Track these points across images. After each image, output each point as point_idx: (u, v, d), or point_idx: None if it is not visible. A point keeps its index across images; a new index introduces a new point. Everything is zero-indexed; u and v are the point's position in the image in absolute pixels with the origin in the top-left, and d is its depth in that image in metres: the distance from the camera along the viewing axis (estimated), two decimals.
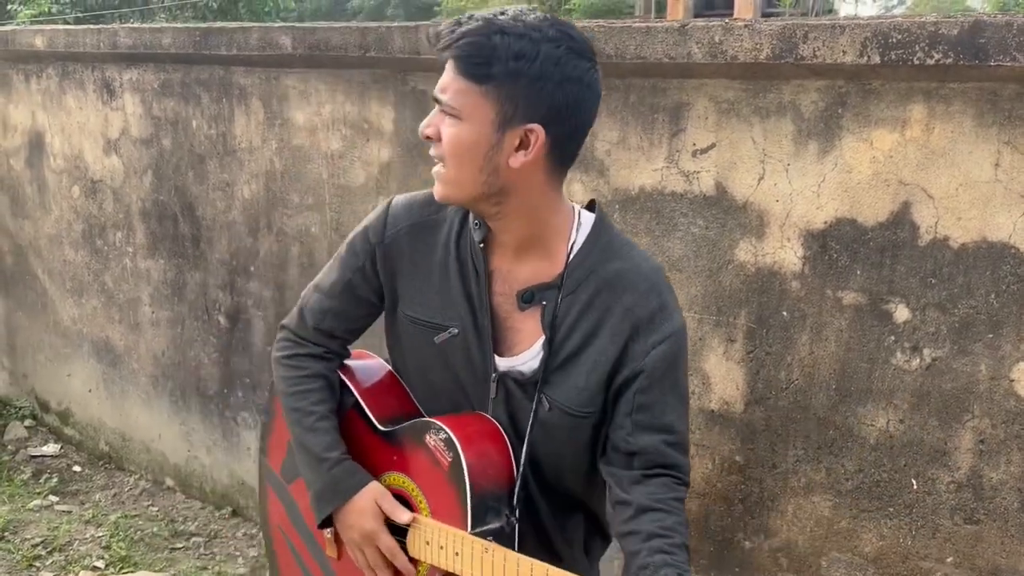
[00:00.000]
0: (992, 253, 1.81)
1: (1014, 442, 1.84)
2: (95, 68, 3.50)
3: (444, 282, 1.38)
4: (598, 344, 1.31)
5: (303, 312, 1.50)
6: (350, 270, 1.45)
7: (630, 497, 1.30)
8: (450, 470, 1.31)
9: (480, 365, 1.37)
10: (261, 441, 1.68)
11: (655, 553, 1.23)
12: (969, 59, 1.70)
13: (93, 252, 3.74)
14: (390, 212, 1.43)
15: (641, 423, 1.31)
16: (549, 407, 1.33)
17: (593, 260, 1.33)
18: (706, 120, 2.10)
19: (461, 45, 1.21)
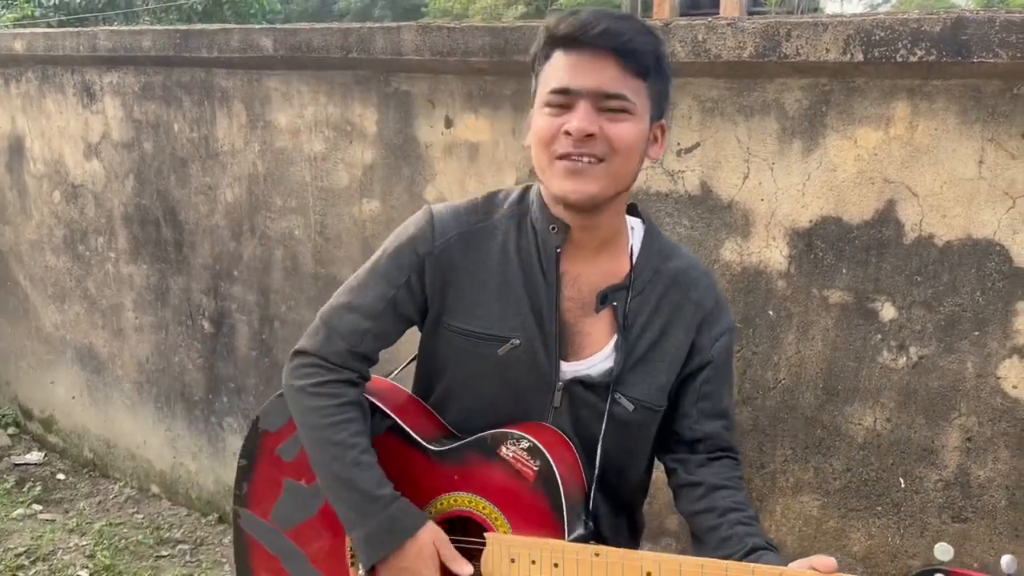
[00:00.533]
0: (977, 250, 1.80)
1: (1001, 439, 1.84)
2: (75, 71, 3.46)
3: (504, 291, 1.33)
4: (673, 339, 1.35)
5: (332, 334, 1.36)
6: (393, 286, 1.35)
7: (699, 478, 1.37)
8: (537, 479, 1.27)
9: (545, 374, 1.34)
10: (238, 489, 1.53)
11: (735, 525, 1.30)
12: (952, 56, 1.70)
13: (75, 258, 3.70)
14: (436, 221, 1.35)
15: (705, 411, 1.38)
16: (632, 406, 1.34)
17: (655, 260, 1.36)
18: (690, 119, 2.09)
19: (627, 45, 1.20)
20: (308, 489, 1.45)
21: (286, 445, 1.47)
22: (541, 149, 1.25)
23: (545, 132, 1.23)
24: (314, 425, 1.34)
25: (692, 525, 1.37)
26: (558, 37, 1.23)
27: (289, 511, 1.48)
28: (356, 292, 1.38)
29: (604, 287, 1.34)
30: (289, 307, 2.99)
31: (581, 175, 1.22)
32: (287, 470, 1.47)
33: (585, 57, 1.20)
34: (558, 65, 1.22)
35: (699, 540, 1.35)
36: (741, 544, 1.27)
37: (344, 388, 1.35)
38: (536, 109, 1.26)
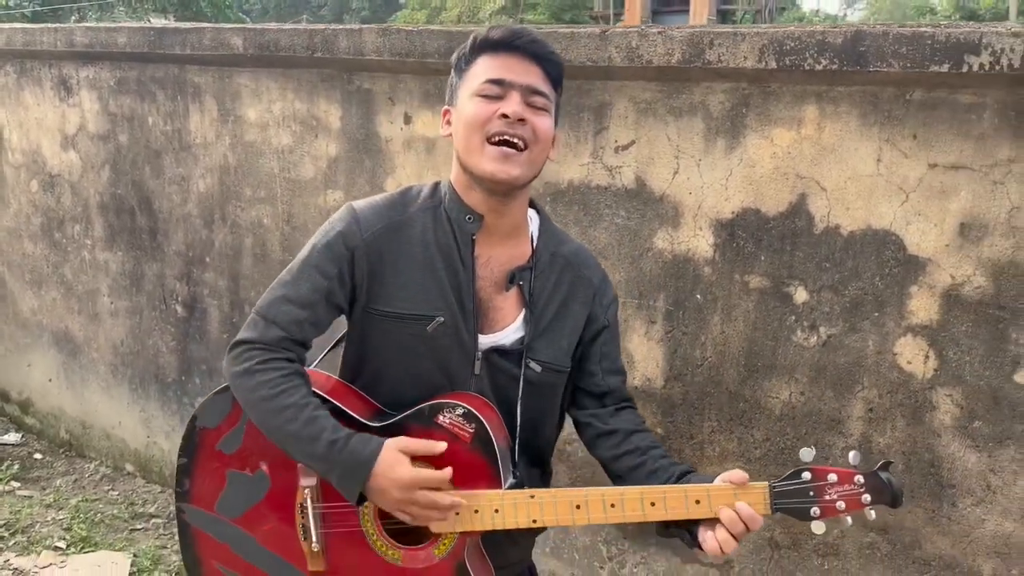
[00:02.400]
0: (876, 239, 2.00)
1: (898, 410, 2.05)
2: (52, 66, 3.59)
3: (426, 275, 1.47)
4: (572, 310, 1.57)
5: (270, 324, 1.47)
6: (326, 277, 1.47)
7: (614, 426, 1.58)
8: (473, 441, 1.42)
9: (467, 345, 1.49)
10: (179, 487, 1.60)
11: (659, 459, 1.51)
12: (852, 65, 1.90)
13: (52, 245, 3.83)
14: (359, 216, 1.49)
15: (607, 368, 1.61)
16: (541, 368, 1.53)
17: (551, 244, 1.58)
18: (626, 119, 2.28)
19: (551, 56, 1.45)
20: (252, 477, 1.55)
21: (227, 439, 1.57)
22: (473, 131, 1.41)
23: (479, 115, 1.40)
24: (264, 396, 1.44)
25: (614, 467, 1.56)
26: (492, 42, 1.43)
27: (235, 500, 1.56)
28: (290, 285, 1.49)
29: (512, 268, 1.52)
30: (258, 292, 3.15)
31: (509, 159, 1.40)
32: (230, 462, 1.57)
33: (515, 59, 1.42)
34: (489, 64, 1.42)
35: (622, 478, 1.54)
36: (668, 472, 1.48)
37: (285, 363, 1.47)
38: (464, 99, 1.44)
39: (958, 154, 1.88)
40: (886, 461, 1.35)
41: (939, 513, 2.04)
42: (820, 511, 1.34)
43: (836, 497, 1.33)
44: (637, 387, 2.39)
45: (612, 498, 1.40)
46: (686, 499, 1.37)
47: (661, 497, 1.38)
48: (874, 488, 1.33)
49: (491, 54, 1.43)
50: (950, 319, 1.95)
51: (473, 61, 1.45)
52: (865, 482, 1.33)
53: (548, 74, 1.45)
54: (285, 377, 1.45)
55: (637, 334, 2.37)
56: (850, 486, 1.33)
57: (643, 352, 2.37)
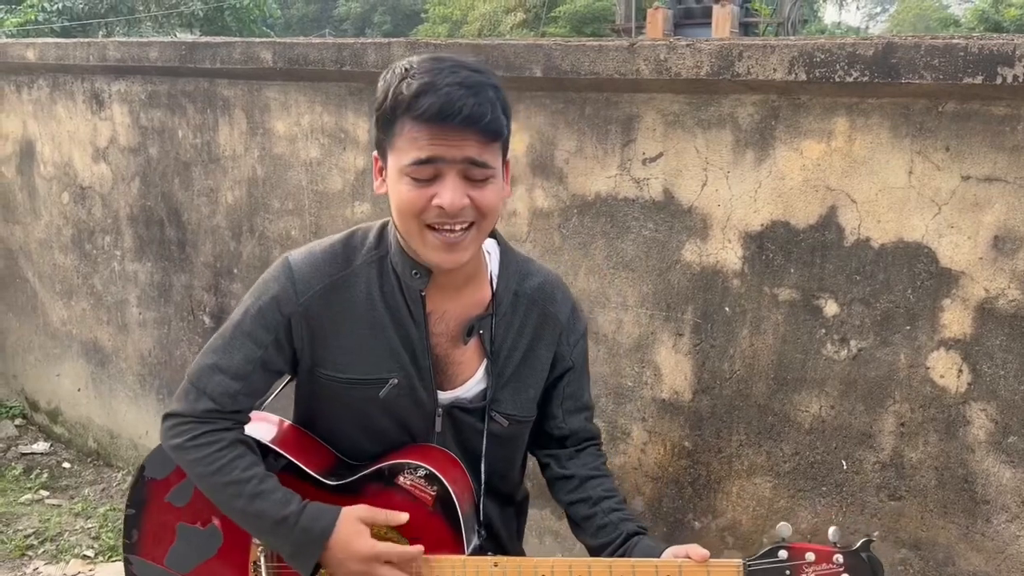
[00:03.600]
0: (908, 252, 1.99)
1: (931, 425, 2.03)
2: (84, 80, 3.65)
3: (375, 336, 1.37)
4: (538, 355, 1.49)
5: (200, 396, 1.37)
6: (260, 346, 1.37)
7: (571, 471, 1.53)
8: (435, 503, 1.37)
9: (425, 404, 1.42)
10: (127, 538, 1.54)
11: (610, 513, 1.47)
12: (883, 77, 1.89)
13: (82, 256, 3.89)
14: (296, 277, 1.37)
15: (569, 408, 1.54)
16: (507, 422, 1.47)
17: (513, 283, 1.47)
18: (654, 131, 2.28)
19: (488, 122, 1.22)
20: (204, 531, 1.50)
21: (176, 491, 1.50)
22: (409, 218, 1.27)
23: (413, 204, 1.24)
24: (203, 474, 1.36)
25: (570, 512, 1.53)
26: (419, 114, 1.21)
27: (185, 554, 1.50)
28: (222, 353, 1.38)
29: (469, 318, 1.42)
30: None
31: (456, 247, 1.28)
32: (181, 515, 1.51)
33: (448, 130, 1.21)
34: (416, 135, 1.22)
35: (577, 526, 1.52)
36: (617, 531, 1.44)
37: (220, 434, 1.37)
38: (393, 172, 1.28)
39: (992, 166, 1.87)
40: (867, 539, 1.31)
41: (973, 529, 2.01)
42: None
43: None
44: (665, 400, 2.38)
45: (579, 571, 1.34)
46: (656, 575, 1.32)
47: (630, 572, 1.33)
48: (853, 568, 1.28)
49: (415, 122, 1.22)
50: (984, 333, 1.93)
51: (396, 121, 1.25)
52: (844, 561, 1.28)
53: (488, 135, 1.24)
54: (219, 452, 1.36)
55: (665, 347, 2.37)
56: (828, 565, 1.28)
57: (671, 365, 2.36)
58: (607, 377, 2.47)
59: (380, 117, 1.28)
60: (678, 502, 2.42)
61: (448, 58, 1.26)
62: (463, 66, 1.26)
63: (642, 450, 2.46)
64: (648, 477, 2.46)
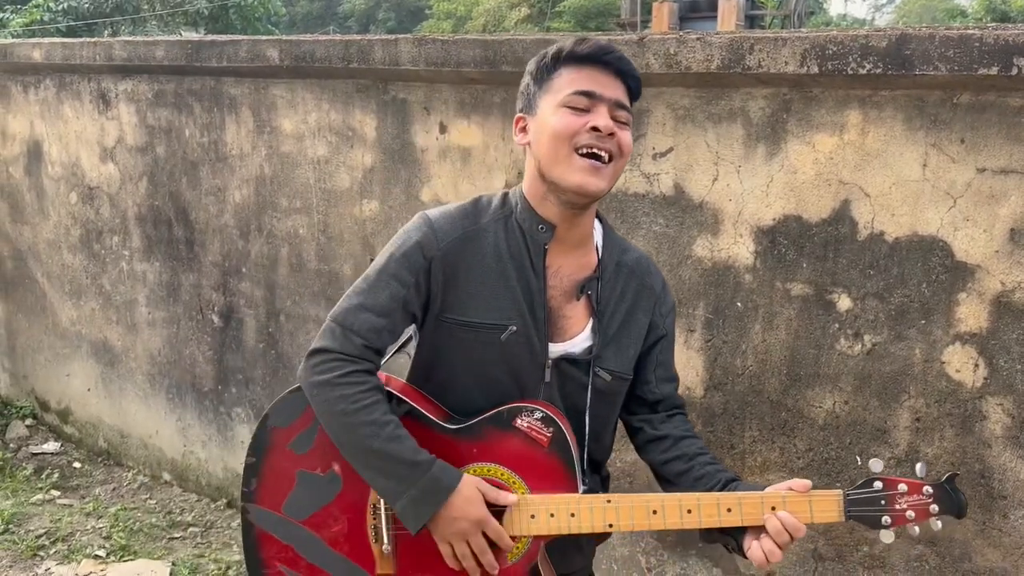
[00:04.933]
0: (923, 246, 1.97)
1: (946, 420, 2.01)
2: (91, 79, 3.64)
3: (500, 284, 1.48)
4: (637, 319, 1.58)
5: (348, 333, 1.46)
6: (404, 286, 1.48)
7: (664, 432, 1.60)
8: (551, 444, 1.45)
9: (538, 353, 1.50)
10: (246, 486, 1.59)
11: (706, 465, 1.54)
12: (897, 69, 1.87)
13: (91, 256, 3.88)
14: (435, 226, 1.50)
15: (661, 376, 1.62)
16: (610, 377, 1.54)
17: (616, 253, 1.59)
18: (664, 125, 2.26)
19: (635, 73, 1.46)
20: (324, 477, 1.54)
21: (299, 439, 1.55)
22: (560, 143, 1.41)
23: (568, 127, 1.40)
24: (344, 411, 1.43)
25: (663, 471, 1.58)
26: (578, 55, 1.42)
27: (303, 501, 1.55)
28: (368, 294, 1.49)
29: (580, 278, 1.53)
30: (294, 301, 3.17)
31: (598, 172, 1.41)
32: (301, 462, 1.55)
33: (602, 73, 1.42)
34: (576, 76, 1.42)
35: (671, 482, 1.55)
36: (715, 479, 1.50)
37: (367, 376, 1.46)
38: (548, 109, 1.43)
39: (1008, 158, 1.84)
40: (953, 473, 1.37)
41: (990, 525, 1.99)
42: (891, 520, 1.38)
43: (906, 507, 1.37)
44: None
45: (688, 503, 1.41)
46: (762, 505, 1.39)
47: (737, 503, 1.40)
48: (941, 499, 1.36)
49: (576, 66, 1.43)
50: (1000, 327, 1.91)
51: (555, 71, 1.44)
52: (934, 493, 1.37)
53: (630, 89, 1.46)
54: (365, 392, 1.44)
55: (677, 343, 2.34)
56: (919, 496, 1.37)
57: (682, 361, 2.35)
58: None
59: (537, 74, 1.46)
60: None
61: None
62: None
63: None
64: None
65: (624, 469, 2.48)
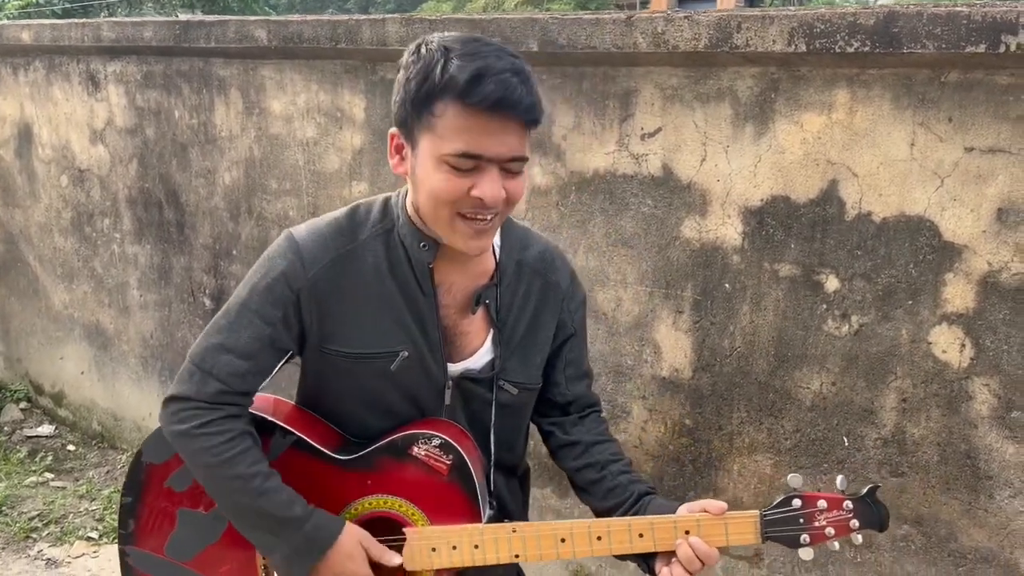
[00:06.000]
0: (910, 226, 1.96)
1: (932, 400, 2.00)
2: (80, 61, 3.62)
3: (383, 309, 1.36)
4: (543, 322, 1.48)
5: (207, 378, 1.33)
6: (268, 324, 1.34)
7: (575, 437, 1.53)
8: (451, 472, 1.36)
9: (435, 376, 1.40)
10: (123, 528, 1.50)
11: (618, 475, 1.47)
12: (884, 47, 1.85)
13: (82, 239, 3.87)
14: (303, 252, 1.34)
15: (572, 375, 1.54)
16: (516, 390, 1.46)
17: (515, 253, 1.46)
18: (652, 105, 2.25)
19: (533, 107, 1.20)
20: (207, 516, 1.45)
21: (176, 476, 1.45)
22: (442, 207, 1.23)
23: (450, 193, 1.21)
24: (207, 464, 1.32)
25: (575, 478, 1.52)
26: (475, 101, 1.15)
27: (187, 541, 1.47)
28: (228, 332, 1.34)
29: (475, 289, 1.42)
30: None
31: (484, 234, 1.27)
32: (181, 500, 1.46)
33: (495, 122, 1.18)
34: (462, 125, 1.18)
35: (584, 491, 1.50)
36: (628, 492, 1.43)
37: (229, 423, 1.33)
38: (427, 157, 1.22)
39: (995, 137, 1.83)
40: (873, 487, 1.34)
41: (975, 505, 1.99)
42: (810, 538, 1.34)
43: (825, 523, 1.33)
44: (665, 378, 2.37)
45: (598, 530, 1.35)
46: (675, 530, 1.33)
47: (649, 528, 1.34)
48: (862, 513, 1.33)
49: (464, 111, 1.17)
50: (987, 307, 1.90)
51: (438, 103, 1.18)
52: (854, 507, 1.33)
53: (533, 125, 1.23)
54: (227, 442, 1.32)
55: (664, 324, 2.34)
56: (839, 512, 1.33)
57: (670, 342, 2.34)
58: (607, 355, 2.46)
59: (415, 96, 1.20)
60: (679, 480, 2.41)
61: (482, 39, 1.22)
62: (503, 50, 1.21)
63: (642, 428, 2.44)
64: (648, 455, 2.45)
65: None
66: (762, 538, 1.33)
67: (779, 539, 1.34)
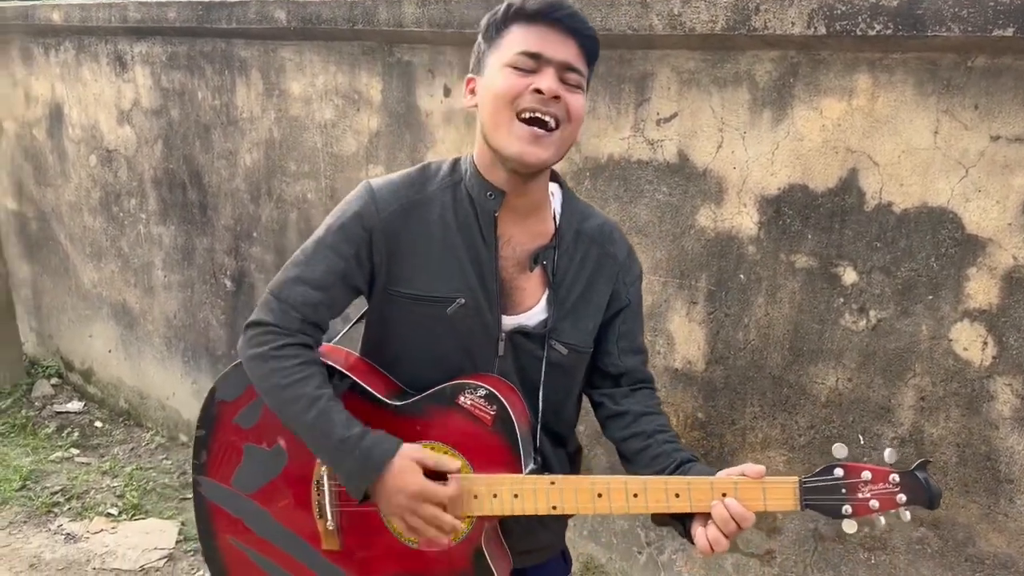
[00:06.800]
0: (932, 218, 1.88)
1: (952, 399, 1.92)
2: (108, 41, 3.64)
3: (447, 255, 1.42)
4: (596, 290, 1.50)
5: (285, 306, 1.41)
6: (343, 259, 1.41)
7: (625, 407, 1.53)
8: (495, 423, 1.39)
9: (490, 327, 1.44)
10: (196, 459, 1.58)
11: (663, 444, 1.46)
12: (908, 30, 1.77)
13: (110, 218, 3.91)
14: (376, 196, 1.42)
15: (625, 348, 1.54)
16: (566, 350, 1.48)
17: (575, 221, 1.50)
18: (669, 90, 2.18)
19: (589, 32, 1.35)
20: (270, 452, 1.53)
21: (244, 413, 1.53)
22: (502, 106, 1.31)
23: (511, 89, 1.30)
24: (278, 385, 1.39)
25: (622, 449, 1.52)
26: (528, 11, 1.32)
27: (251, 475, 1.54)
28: (305, 266, 1.42)
29: (534, 248, 1.45)
30: None
31: (539, 140, 1.32)
32: (247, 436, 1.54)
33: (553, 32, 1.32)
34: (524, 34, 1.32)
35: (629, 461, 1.50)
36: (671, 459, 1.42)
37: (301, 350, 1.41)
38: (494, 69, 1.34)
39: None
40: (924, 460, 1.28)
41: (995, 509, 1.91)
42: (852, 509, 1.28)
43: (870, 496, 1.27)
44: (678, 370, 2.31)
45: (635, 487, 1.34)
46: (712, 491, 1.31)
47: (686, 488, 1.32)
48: (910, 488, 1.26)
49: (526, 24, 1.33)
50: (1011, 303, 1.81)
51: (505, 30, 1.35)
52: (901, 481, 1.26)
53: (584, 50, 1.35)
54: (299, 366, 1.39)
55: (678, 315, 2.29)
56: (885, 485, 1.27)
57: (684, 334, 2.29)
58: None
59: (487, 30, 1.37)
60: None
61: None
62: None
63: None
64: None
65: None
66: (801, 505, 1.29)
67: (819, 508, 1.29)
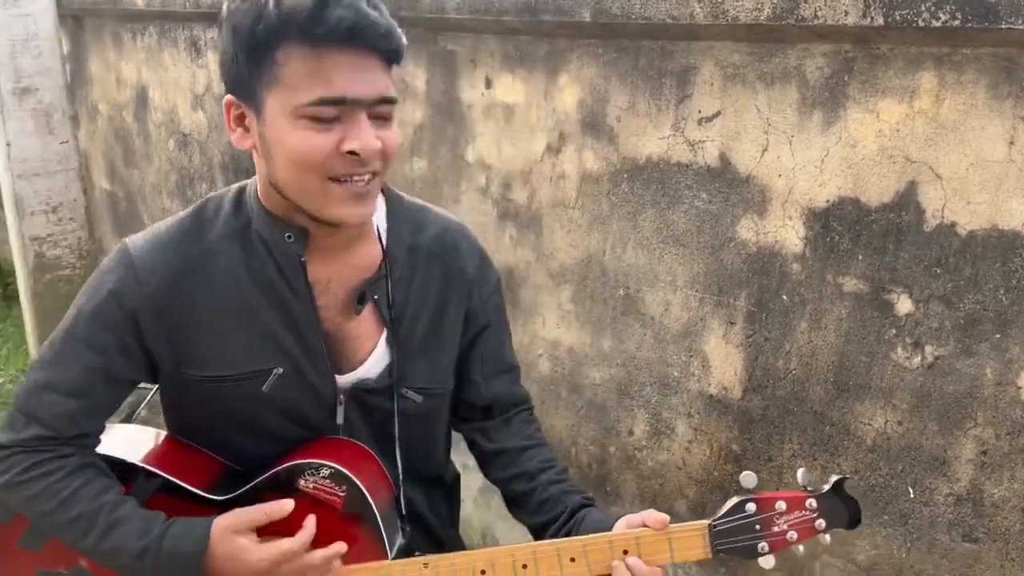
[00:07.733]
0: (1003, 242, 1.59)
1: (1019, 456, 1.64)
2: (184, 27, 3.69)
3: (246, 321, 1.17)
4: (448, 315, 1.28)
5: (30, 423, 1.15)
6: (99, 353, 1.15)
7: (501, 445, 1.34)
8: (346, 505, 1.18)
9: (322, 392, 1.22)
10: None
11: (549, 486, 1.29)
12: (978, 20, 1.49)
13: (184, 202, 3.98)
14: (136, 265, 1.15)
15: (490, 372, 1.34)
16: (421, 397, 1.27)
17: (406, 236, 1.25)
18: (711, 86, 1.96)
19: (393, 32, 1.06)
20: (68, 574, 1.29)
21: (27, 535, 1.28)
22: (308, 172, 1.05)
23: (314, 152, 1.03)
24: (44, 512, 1.15)
25: (506, 492, 1.34)
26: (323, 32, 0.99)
27: None
28: (53, 367, 1.16)
29: (359, 283, 1.22)
30: None
31: (364, 197, 1.08)
32: (38, 561, 1.29)
33: (352, 57, 1.02)
34: (313, 66, 1.01)
35: (516, 506, 1.32)
36: (561, 504, 1.25)
37: (60, 461, 1.16)
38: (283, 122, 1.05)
39: None
40: (841, 478, 1.18)
41: None
42: (769, 546, 1.19)
43: (787, 527, 1.19)
44: (712, 395, 2.09)
45: (523, 557, 1.16)
46: (611, 549, 1.15)
47: (581, 551, 1.15)
48: (828, 511, 1.19)
49: (311, 49, 1.00)
50: None
51: (277, 51, 1.01)
52: (819, 506, 1.19)
53: (396, 57, 1.08)
54: (62, 480, 1.14)
55: (715, 335, 2.07)
56: (801, 512, 1.19)
57: (720, 357, 2.07)
58: (653, 363, 2.21)
59: (248, 45, 1.03)
60: None
61: None
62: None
63: (687, 449, 2.18)
64: (692, 479, 2.19)
65: (656, 469, 2.24)
66: (713, 552, 1.16)
67: (733, 551, 1.18)
